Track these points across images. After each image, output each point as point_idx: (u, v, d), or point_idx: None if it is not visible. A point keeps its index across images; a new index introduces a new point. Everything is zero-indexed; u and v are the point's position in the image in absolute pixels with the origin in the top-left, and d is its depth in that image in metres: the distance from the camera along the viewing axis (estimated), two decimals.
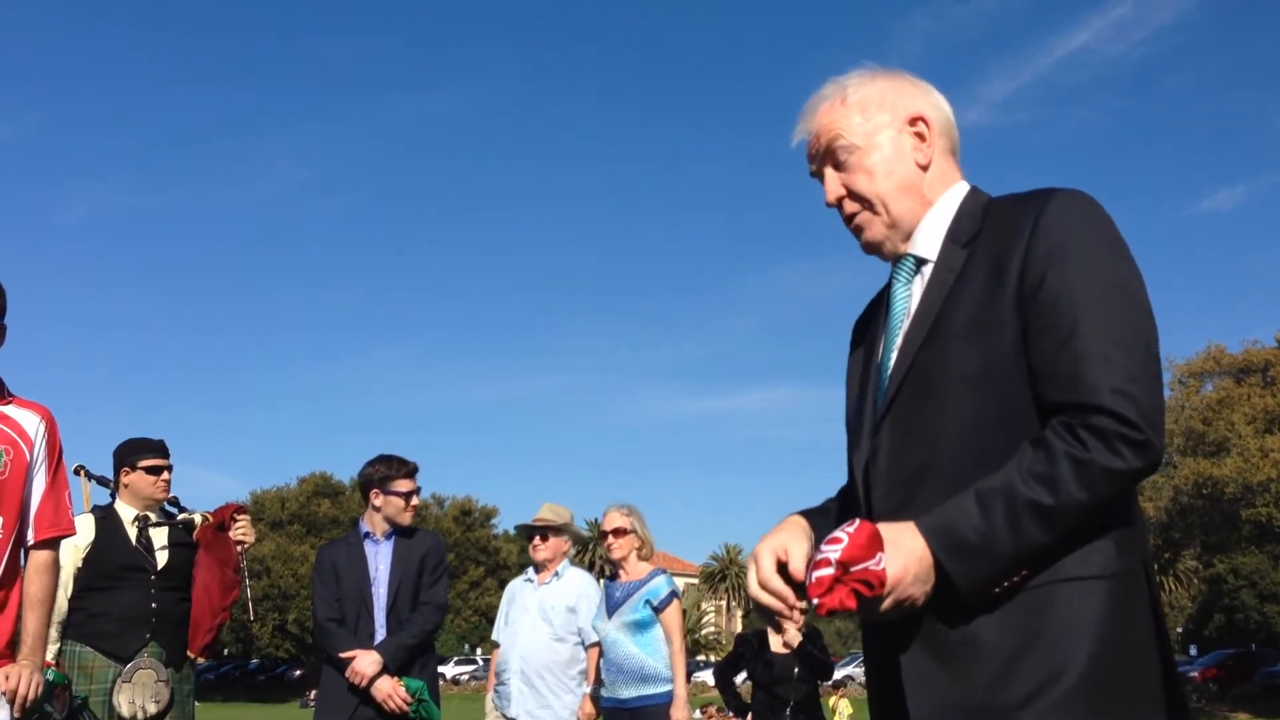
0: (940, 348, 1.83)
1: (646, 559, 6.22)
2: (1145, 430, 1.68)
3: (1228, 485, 37.48)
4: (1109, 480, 1.68)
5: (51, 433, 3.75)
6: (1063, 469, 1.68)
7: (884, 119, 1.98)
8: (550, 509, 6.51)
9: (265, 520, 55.44)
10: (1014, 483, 1.70)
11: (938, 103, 2.03)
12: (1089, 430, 1.69)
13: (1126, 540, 1.77)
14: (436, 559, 5.53)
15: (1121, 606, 1.72)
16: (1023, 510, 1.68)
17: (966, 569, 1.71)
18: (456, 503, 63.50)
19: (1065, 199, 1.81)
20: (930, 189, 1.98)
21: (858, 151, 1.97)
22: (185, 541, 5.17)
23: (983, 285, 1.82)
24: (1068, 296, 1.74)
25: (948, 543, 1.71)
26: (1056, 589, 1.72)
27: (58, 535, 3.74)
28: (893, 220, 1.96)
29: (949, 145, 2.02)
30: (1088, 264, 1.76)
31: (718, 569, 76.96)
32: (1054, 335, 1.74)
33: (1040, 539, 1.69)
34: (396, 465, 5.50)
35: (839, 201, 2.01)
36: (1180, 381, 43.52)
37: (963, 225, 1.91)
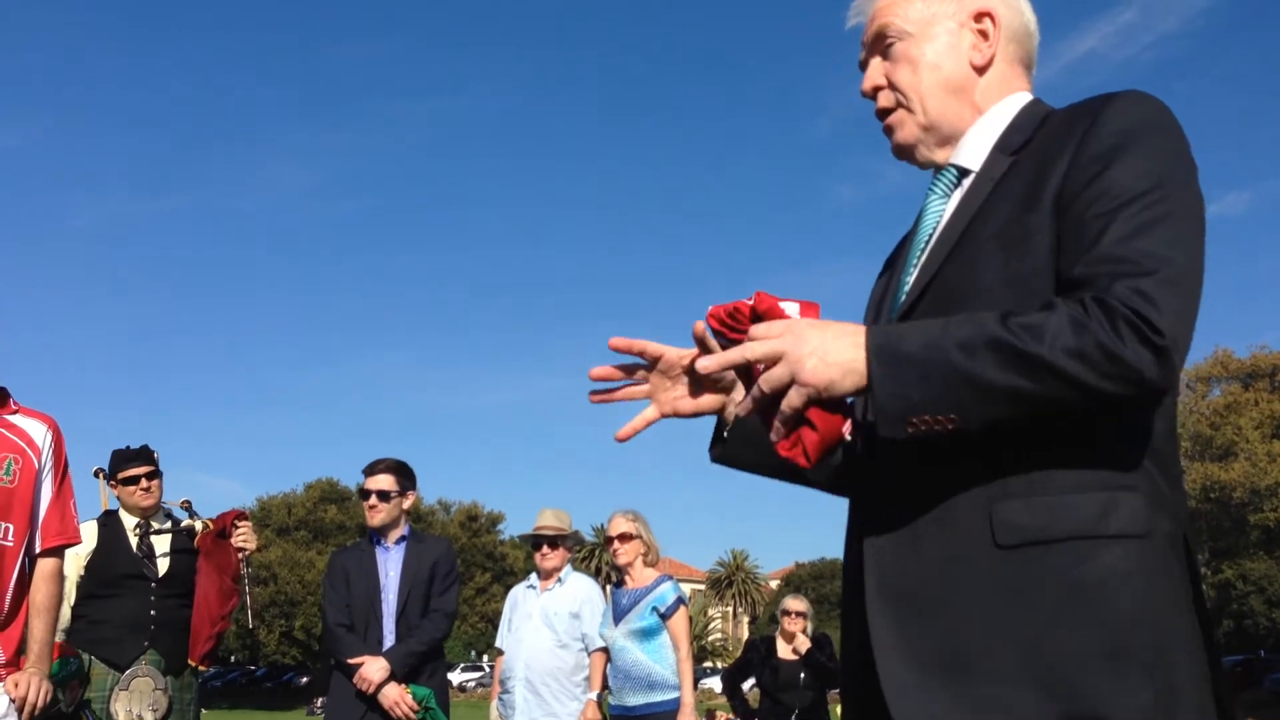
0: (966, 258, 1.61)
1: (652, 565, 6.22)
2: (1166, 336, 1.41)
3: (1235, 490, 37.42)
4: (1105, 364, 1.41)
5: (58, 442, 3.76)
6: (1054, 323, 1.42)
7: (947, 9, 1.76)
8: (552, 515, 6.50)
9: (272, 526, 55.45)
10: (989, 319, 1.46)
11: (1017, 5, 1.78)
12: (1098, 303, 1.43)
13: (1160, 496, 1.52)
14: (448, 566, 5.53)
15: (1154, 573, 1.48)
16: (984, 344, 1.44)
17: (891, 376, 1.47)
18: (463, 508, 63.45)
19: (1125, 100, 1.58)
20: (984, 95, 1.75)
21: (908, 39, 1.76)
22: (187, 548, 5.17)
23: (1021, 192, 1.59)
24: (1108, 200, 1.50)
25: (886, 343, 1.49)
26: (1064, 548, 1.47)
27: (64, 544, 3.75)
28: (929, 121, 1.75)
29: (1020, 54, 1.78)
30: (1140, 170, 1.51)
31: (724, 575, 76.87)
32: (1086, 238, 1.50)
33: (990, 379, 1.43)
34: (368, 466, 5.53)
35: (874, 92, 1.80)
36: (1188, 386, 43.47)
37: (1014, 134, 1.69)
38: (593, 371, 1.82)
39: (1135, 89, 1.60)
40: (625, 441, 1.82)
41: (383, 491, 5.45)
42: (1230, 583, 44.12)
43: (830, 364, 1.51)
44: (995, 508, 1.51)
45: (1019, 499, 1.51)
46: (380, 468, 5.50)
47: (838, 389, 1.53)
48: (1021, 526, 1.49)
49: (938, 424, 1.48)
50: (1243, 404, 40.42)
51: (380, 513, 5.43)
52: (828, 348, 1.52)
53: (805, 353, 1.52)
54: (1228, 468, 37.96)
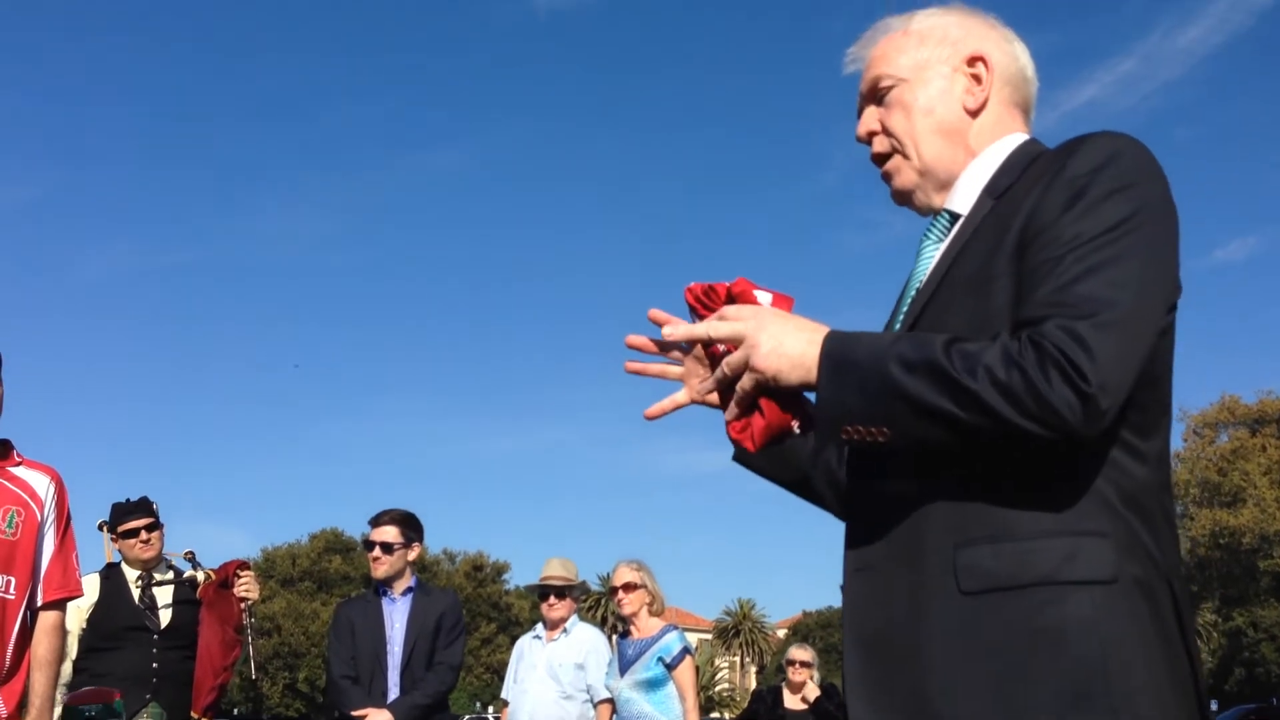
0: (942, 303, 1.62)
1: (658, 615, 6.18)
2: (1092, 383, 1.40)
3: (1244, 536, 37.22)
4: (1029, 400, 1.41)
5: (60, 494, 3.75)
6: (989, 357, 1.43)
7: (940, 53, 1.77)
8: (559, 565, 6.47)
9: (276, 577, 55.25)
10: (934, 342, 1.47)
11: (1011, 50, 1.79)
12: (1032, 343, 1.43)
13: (1133, 542, 1.50)
14: (454, 619, 5.49)
15: (1124, 621, 1.46)
16: (924, 364, 1.45)
17: (833, 382, 1.52)
18: (468, 558, 63.23)
19: (1095, 141, 1.57)
20: (977, 138, 1.75)
21: (901, 85, 1.77)
22: (190, 599, 5.15)
23: (994, 236, 1.59)
24: (1058, 243, 1.49)
25: (838, 348, 1.53)
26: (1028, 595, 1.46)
27: (66, 597, 3.74)
28: (924, 166, 1.75)
29: (1016, 98, 1.79)
30: (1101, 210, 1.50)
31: (731, 624, 76.37)
32: (1033, 282, 1.50)
33: (921, 400, 1.45)
34: (374, 517, 5.50)
35: (869, 137, 1.81)
36: (1195, 432, 43.36)
37: (1003, 177, 1.68)
38: (629, 339, 1.82)
39: (1110, 130, 1.59)
40: (654, 419, 1.82)
41: (386, 543, 5.42)
42: (1241, 630, 43.77)
43: (782, 355, 1.56)
44: (960, 553, 1.51)
45: (984, 544, 1.50)
46: (385, 519, 5.47)
47: (785, 380, 1.57)
48: (985, 572, 1.48)
49: (870, 434, 1.51)
50: (1250, 449, 40.27)
51: (384, 565, 5.40)
52: (784, 339, 1.56)
53: (763, 339, 1.57)
54: (1236, 513, 37.78)
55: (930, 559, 1.53)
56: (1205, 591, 43.38)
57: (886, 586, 1.58)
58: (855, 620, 1.62)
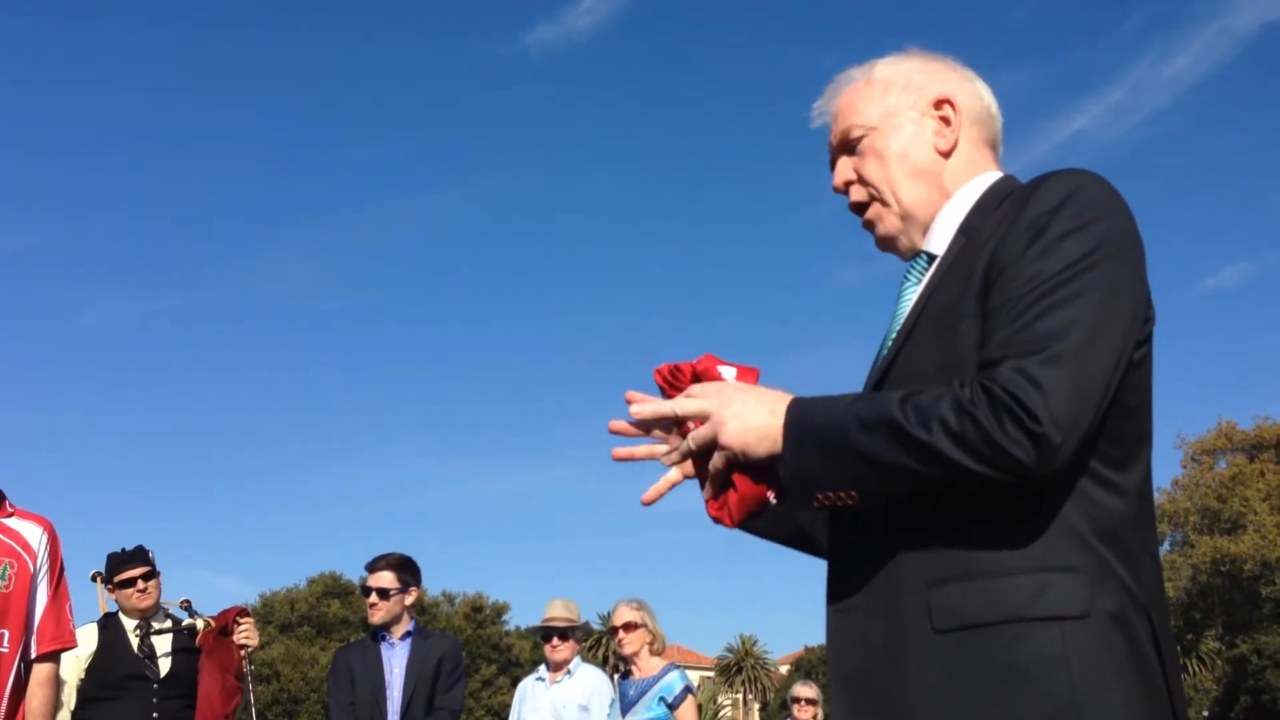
0: (914, 344, 1.64)
1: (659, 654, 6.14)
2: (1044, 423, 1.42)
3: (1246, 562, 37.13)
4: (983, 448, 1.43)
5: (53, 544, 3.72)
6: (941, 409, 1.45)
7: (906, 99, 1.80)
8: (562, 605, 6.44)
9: (274, 623, 54.92)
10: (889, 400, 1.50)
11: (975, 90, 1.83)
12: (983, 389, 1.45)
13: (1105, 574, 1.51)
14: (453, 663, 5.46)
15: (1095, 656, 1.45)
16: (880, 422, 1.48)
17: (798, 451, 1.53)
18: (467, 599, 62.86)
19: (1057, 179, 1.58)
20: (952, 178, 1.77)
21: (872, 133, 1.80)
22: (189, 648, 5.12)
23: (963, 276, 1.61)
24: (1018, 282, 1.51)
25: (799, 418, 1.55)
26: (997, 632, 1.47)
27: (59, 648, 3.70)
28: (905, 211, 1.77)
29: (984, 136, 1.82)
30: (1060, 249, 1.51)
31: (733, 661, 75.95)
32: (993, 322, 1.53)
33: (881, 460, 1.47)
34: (369, 563, 5.47)
35: (846, 187, 1.83)
36: (1193, 459, 43.36)
37: (975, 216, 1.70)
38: (612, 425, 1.82)
39: (1074, 167, 1.60)
40: (650, 504, 1.82)
41: (383, 589, 5.40)
42: (1245, 657, 43.59)
43: (747, 429, 1.58)
44: (933, 592, 1.53)
45: (955, 583, 1.52)
46: (381, 565, 5.45)
47: (753, 453, 1.59)
48: (957, 610, 1.50)
49: (839, 499, 1.53)
50: (1248, 475, 40.27)
51: (380, 611, 5.38)
52: (748, 413, 1.59)
53: (727, 416, 1.59)
54: (1237, 540, 37.72)
55: (906, 599, 1.55)
56: (1208, 619, 43.22)
57: (865, 626, 1.60)
58: (837, 660, 1.65)
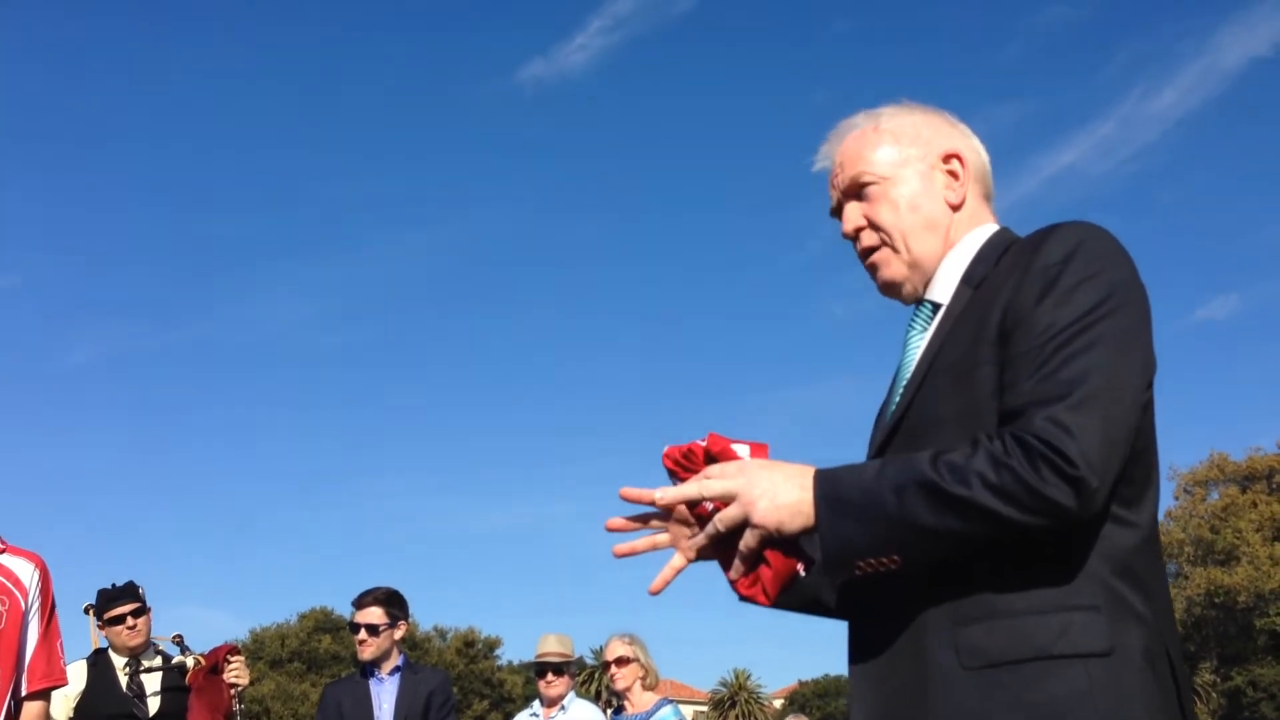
0: (928, 393, 1.70)
1: (651, 688, 6.12)
2: (1080, 466, 1.48)
3: (1240, 594, 37.07)
4: (1026, 497, 1.48)
5: (45, 581, 3.71)
6: (977, 464, 1.50)
7: (915, 152, 1.87)
8: (556, 640, 6.41)
9: (265, 658, 54.53)
10: (920, 461, 1.55)
11: (975, 145, 1.92)
12: (1016, 440, 1.51)
13: (1124, 611, 1.56)
14: (443, 698, 5.44)
15: (1121, 691, 1.50)
16: (914, 485, 1.52)
17: (834, 522, 1.57)
18: (459, 634, 62.51)
19: (1067, 231, 1.66)
20: (956, 230, 1.86)
21: (884, 182, 1.86)
22: (179, 686, 5.08)
23: (974, 326, 1.68)
24: (1041, 333, 1.58)
25: (829, 489, 1.59)
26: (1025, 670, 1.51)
27: (50, 686, 3.69)
28: (914, 259, 1.85)
29: (984, 189, 1.91)
30: (1073, 299, 1.59)
31: (727, 695, 75.50)
32: (1018, 371, 1.58)
33: (923, 522, 1.51)
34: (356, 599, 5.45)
35: (857, 233, 1.89)
36: (1185, 490, 43.37)
37: (978, 266, 1.78)
38: (609, 523, 1.84)
39: (1077, 220, 1.67)
40: (658, 594, 1.83)
41: (371, 625, 5.38)
42: (1240, 690, 43.42)
43: (780, 506, 1.61)
44: (959, 632, 1.57)
45: (982, 623, 1.57)
46: (368, 600, 5.44)
47: (787, 529, 1.62)
48: (984, 649, 1.55)
49: (882, 565, 1.57)
50: (1241, 506, 40.28)
51: (370, 647, 5.36)
52: (777, 490, 1.62)
53: (757, 495, 1.62)
54: (1231, 572, 37.68)
55: (931, 639, 1.60)
56: (1202, 651, 43.10)
57: (890, 668, 1.64)
58: (861, 701, 1.67)
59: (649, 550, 1.84)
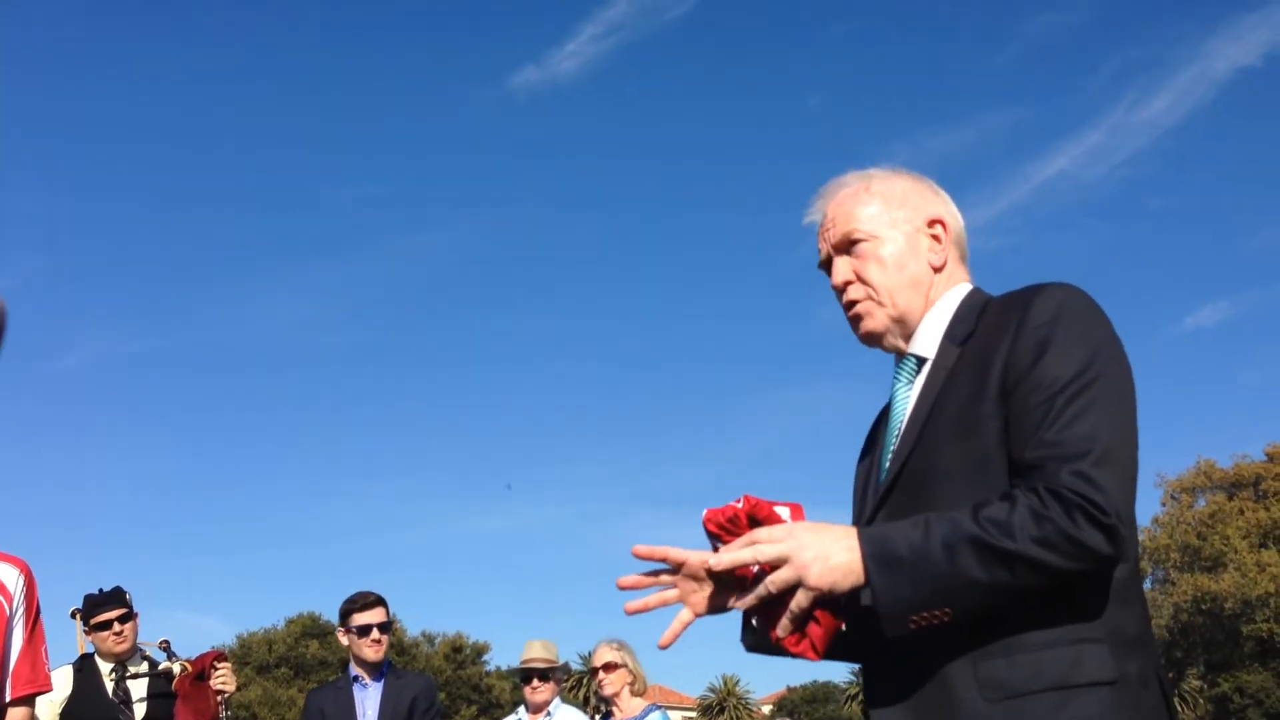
0: (929, 446, 1.83)
1: (640, 694, 6.12)
2: (1111, 515, 1.62)
3: (1227, 601, 37.18)
4: (1067, 546, 1.62)
5: (30, 586, 3.69)
6: (1019, 518, 1.63)
7: (903, 215, 2.02)
8: (541, 646, 6.42)
9: (252, 664, 54.37)
10: (962, 518, 1.66)
11: (954, 211, 2.07)
12: (1052, 494, 1.64)
13: (1125, 642, 1.71)
14: (427, 702, 5.43)
15: (1127, 715, 1.66)
16: (963, 542, 1.64)
17: (889, 581, 1.67)
18: (447, 640, 62.40)
19: (1052, 292, 1.81)
20: (935, 289, 2.01)
21: (874, 240, 2.00)
22: (165, 692, 5.06)
23: (971, 381, 1.82)
24: (1045, 389, 1.72)
25: (878, 549, 1.69)
26: (1043, 699, 1.65)
27: (35, 692, 3.66)
28: (898, 314, 1.99)
29: (961, 252, 2.06)
30: (1068, 357, 1.73)
31: (715, 701, 75.50)
32: (1028, 426, 1.72)
33: (974, 576, 1.63)
34: (356, 598, 5.44)
35: (845, 286, 2.02)
36: (1173, 497, 43.52)
37: (959, 325, 1.93)
38: (621, 581, 1.92)
39: (1058, 282, 1.83)
40: (668, 647, 1.93)
41: (383, 624, 5.42)
42: (1227, 696, 43.53)
43: (833, 568, 1.70)
44: (979, 666, 1.71)
45: (1000, 658, 1.70)
46: (373, 600, 5.47)
47: (839, 589, 1.71)
48: (1004, 682, 1.69)
49: (935, 618, 1.68)
50: (1228, 513, 40.42)
51: (383, 646, 5.39)
52: (829, 552, 1.70)
53: (809, 559, 1.70)
54: (1218, 578, 37.79)
55: (954, 676, 1.72)
56: (1189, 658, 43.20)
57: (916, 705, 1.76)
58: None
59: (659, 606, 1.92)
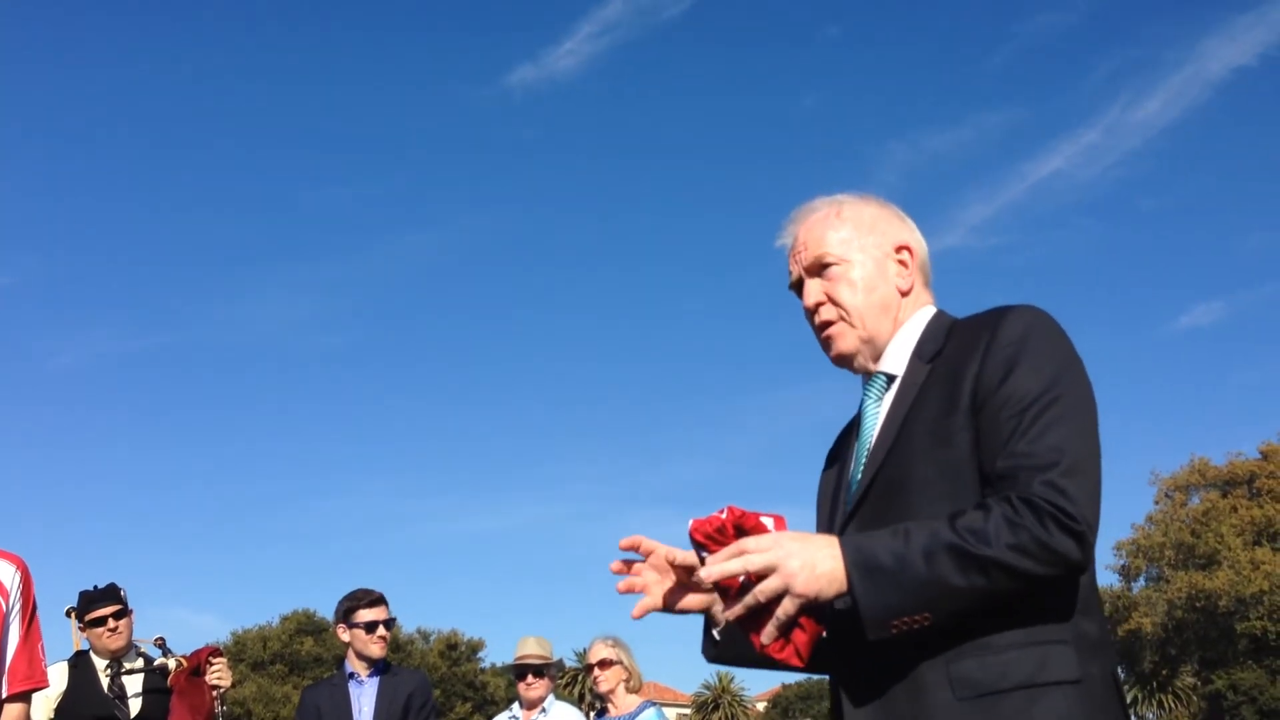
0: (903, 455, 1.91)
1: (635, 691, 6.13)
2: (1081, 523, 1.71)
3: (1221, 598, 37.25)
4: (1040, 552, 1.70)
5: (26, 583, 3.70)
6: (994, 525, 1.71)
7: (872, 240, 2.09)
8: (535, 643, 6.42)
9: (246, 660, 54.33)
10: (940, 526, 1.74)
11: (920, 238, 2.16)
12: (1025, 502, 1.72)
13: (1088, 644, 1.80)
14: (423, 699, 5.43)
15: (1091, 713, 1.75)
16: (942, 549, 1.71)
17: (872, 588, 1.73)
18: (442, 637, 62.40)
19: (1019, 314, 1.91)
20: (903, 312, 2.09)
21: (845, 264, 2.07)
22: (160, 688, 5.06)
23: (942, 396, 1.90)
24: (1014, 404, 1.81)
25: (860, 558, 1.75)
26: (1013, 697, 1.73)
27: (31, 688, 3.67)
28: (868, 335, 2.06)
29: (926, 277, 2.15)
30: (1036, 374, 1.83)
31: (710, 698, 75.53)
32: (999, 439, 1.81)
33: (953, 582, 1.71)
34: (359, 595, 5.45)
35: (817, 307, 2.09)
36: (1167, 495, 43.57)
37: (927, 343, 2.02)
38: (612, 566, 2.07)
39: (1025, 304, 1.93)
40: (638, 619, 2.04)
41: (389, 620, 5.45)
42: (1221, 694, 43.61)
43: (818, 576, 1.76)
44: (952, 667, 1.78)
45: (971, 658, 1.77)
46: (377, 597, 5.48)
47: (824, 596, 1.77)
48: (976, 681, 1.76)
49: (915, 623, 1.74)
50: (1222, 511, 40.48)
51: (387, 641, 5.39)
52: (815, 561, 1.76)
53: (797, 567, 1.75)
54: (1212, 576, 37.85)
55: (927, 676, 1.79)
56: (1183, 655, 43.29)
57: (889, 704, 1.83)
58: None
59: (638, 591, 2.05)
